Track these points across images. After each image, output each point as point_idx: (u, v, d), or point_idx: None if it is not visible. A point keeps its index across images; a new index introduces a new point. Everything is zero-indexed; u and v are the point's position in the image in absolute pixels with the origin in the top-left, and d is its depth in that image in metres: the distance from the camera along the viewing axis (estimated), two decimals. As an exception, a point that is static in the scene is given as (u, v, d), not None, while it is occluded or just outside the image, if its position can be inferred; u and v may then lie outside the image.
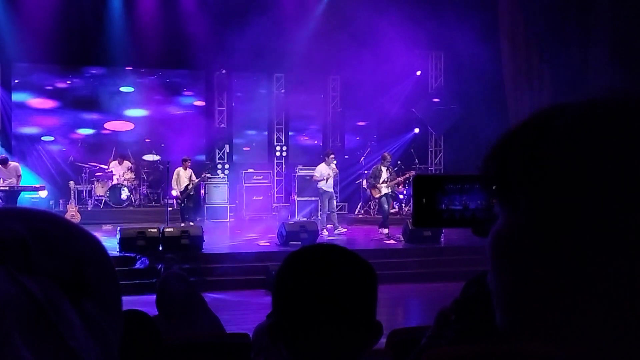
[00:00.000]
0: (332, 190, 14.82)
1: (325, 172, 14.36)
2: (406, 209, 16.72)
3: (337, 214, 14.89)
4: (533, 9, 14.70)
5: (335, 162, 14.73)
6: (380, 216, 14.41)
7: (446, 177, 0.94)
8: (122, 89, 18.88)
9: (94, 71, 18.56)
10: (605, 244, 0.59)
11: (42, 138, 18.29)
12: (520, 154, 0.64)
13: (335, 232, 14.35)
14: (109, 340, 0.66)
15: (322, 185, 14.37)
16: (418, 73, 18.64)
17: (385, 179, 14.02)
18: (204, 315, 4.35)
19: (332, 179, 14.70)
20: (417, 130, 18.71)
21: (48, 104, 18.42)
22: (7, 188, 14.22)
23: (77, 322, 0.62)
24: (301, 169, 17.15)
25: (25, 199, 15.08)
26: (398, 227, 13.66)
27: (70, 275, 0.65)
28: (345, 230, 14.71)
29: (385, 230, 13.75)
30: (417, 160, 18.13)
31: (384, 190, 13.98)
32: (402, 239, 13.19)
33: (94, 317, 0.64)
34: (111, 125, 18.89)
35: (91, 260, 0.68)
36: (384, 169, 14.15)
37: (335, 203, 14.96)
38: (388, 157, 14.49)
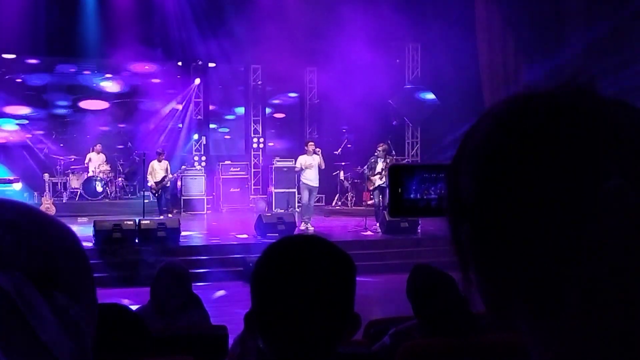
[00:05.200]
0: (311, 182, 13.63)
1: (305, 163, 13.65)
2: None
3: (313, 207, 14.08)
4: (509, 2, 14.79)
5: (317, 150, 13.74)
6: (362, 208, 14.11)
7: (422, 166, 0.94)
8: (96, 80, 18.69)
9: (67, 62, 18.29)
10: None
11: (16, 122, 18.02)
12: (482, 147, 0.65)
13: (301, 227, 13.27)
14: (82, 334, 0.64)
15: (302, 176, 13.77)
16: (397, 61, 18.54)
17: (380, 171, 13.35)
18: (195, 313, 4.31)
19: (314, 171, 13.60)
20: (394, 123, 18.65)
21: (21, 99, 18.13)
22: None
23: (49, 316, 0.61)
24: (278, 161, 17.10)
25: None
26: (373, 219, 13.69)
27: (42, 267, 0.63)
28: (313, 229, 13.41)
29: (376, 225, 13.29)
30: (394, 152, 18.15)
31: (378, 182, 13.38)
32: (380, 230, 13.22)
33: (66, 310, 0.63)
34: (85, 104, 18.61)
35: (63, 252, 0.66)
36: (379, 160, 13.57)
37: (312, 198, 13.81)
38: (383, 147, 13.80)
